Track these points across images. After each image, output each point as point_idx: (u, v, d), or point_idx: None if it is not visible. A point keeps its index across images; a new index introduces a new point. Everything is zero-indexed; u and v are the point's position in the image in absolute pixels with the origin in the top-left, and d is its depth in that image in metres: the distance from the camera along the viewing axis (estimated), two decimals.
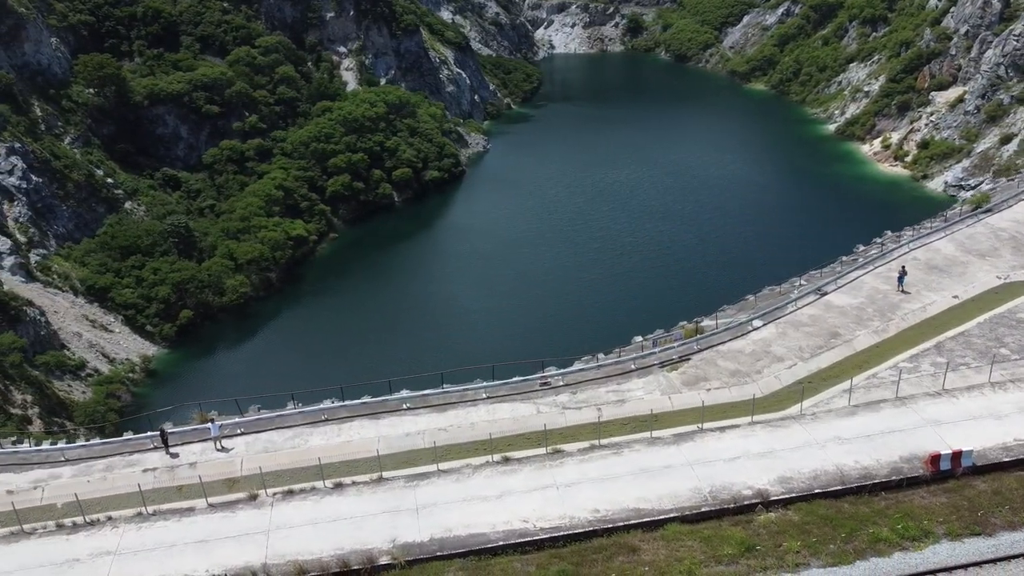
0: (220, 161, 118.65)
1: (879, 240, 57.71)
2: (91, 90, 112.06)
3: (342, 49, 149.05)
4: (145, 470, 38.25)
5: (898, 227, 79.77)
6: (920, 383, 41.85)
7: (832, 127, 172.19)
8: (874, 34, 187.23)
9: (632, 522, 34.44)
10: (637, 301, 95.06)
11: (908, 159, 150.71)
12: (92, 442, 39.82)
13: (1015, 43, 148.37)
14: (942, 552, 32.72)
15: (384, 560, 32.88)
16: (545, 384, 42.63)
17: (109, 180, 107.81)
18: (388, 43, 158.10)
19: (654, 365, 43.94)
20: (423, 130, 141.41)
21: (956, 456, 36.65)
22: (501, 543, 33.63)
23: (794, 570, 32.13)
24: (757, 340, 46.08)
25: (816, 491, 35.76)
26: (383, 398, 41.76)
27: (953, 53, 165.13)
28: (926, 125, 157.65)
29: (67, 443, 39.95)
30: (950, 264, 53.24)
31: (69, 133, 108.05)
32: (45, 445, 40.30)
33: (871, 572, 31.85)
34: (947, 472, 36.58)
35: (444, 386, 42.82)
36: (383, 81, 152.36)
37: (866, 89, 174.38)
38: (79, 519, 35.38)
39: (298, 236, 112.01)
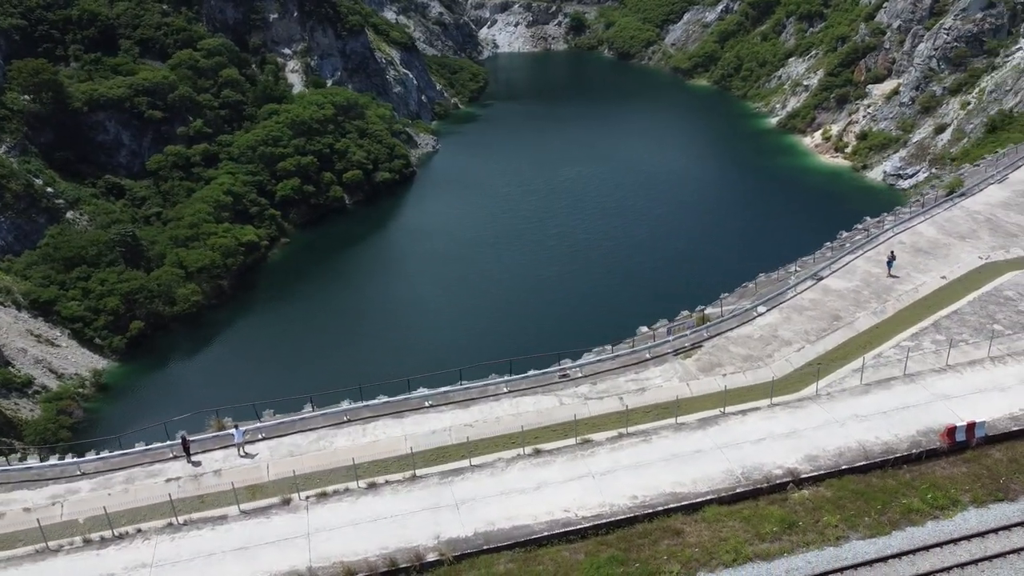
0: (165, 167, 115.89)
1: (860, 226, 60.18)
2: (27, 97, 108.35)
3: (287, 51, 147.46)
4: (168, 480, 37.59)
5: (843, 216, 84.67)
6: (924, 360, 43.93)
7: (774, 120, 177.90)
8: (811, 29, 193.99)
9: (671, 506, 35.39)
10: (614, 296, 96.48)
11: (848, 150, 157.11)
12: (109, 454, 38.91)
13: (945, 36, 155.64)
14: (971, 519, 34.58)
15: (431, 557, 33.11)
16: (564, 376, 43.35)
17: (49, 189, 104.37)
18: (334, 44, 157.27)
19: (668, 353, 45.09)
20: (372, 131, 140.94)
21: (970, 428, 38.67)
22: (546, 533, 34.19)
23: (836, 543, 33.54)
24: (763, 325, 47.67)
25: (843, 467, 37.30)
26: (405, 396, 41.88)
27: (887, 47, 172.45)
28: (864, 117, 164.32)
29: (77, 456, 38.94)
30: (934, 246, 55.90)
31: (5, 142, 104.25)
32: (55, 459, 39.18)
33: (908, 541, 33.46)
34: (963, 443, 38.55)
35: (462, 382, 43.11)
36: (330, 83, 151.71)
37: (805, 83, 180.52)
38: (107, 533, 34.64)
39: (249, 242, 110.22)
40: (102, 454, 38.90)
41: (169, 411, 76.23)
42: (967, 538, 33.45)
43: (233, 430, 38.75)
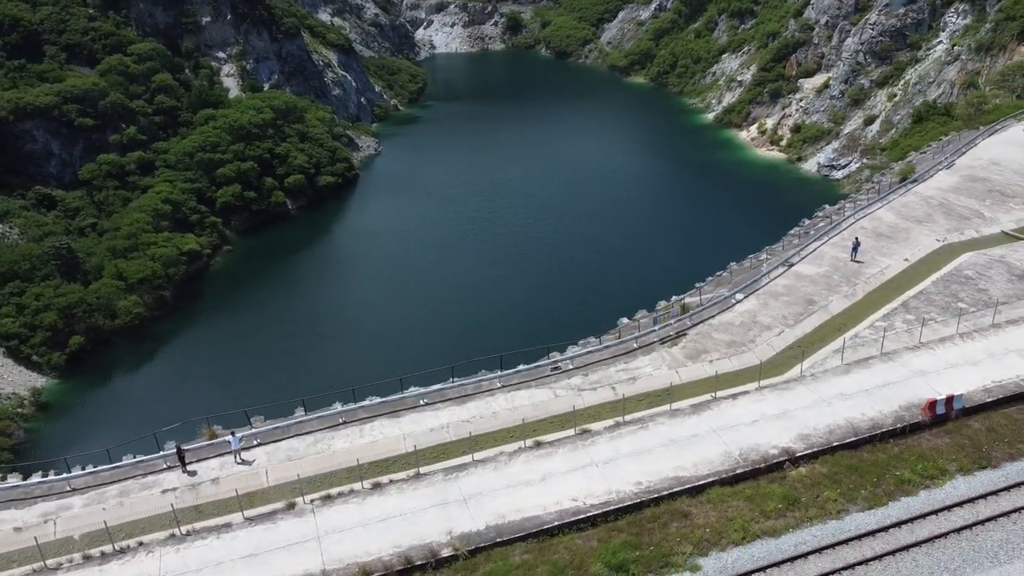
0: (99, 177, 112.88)
1: (821, 213, 62.48)
2: None
3: (221, 55, 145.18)
4: (164, 491, 36.92)
5: (783, 207, 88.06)
6: (899, 339, 45.97)
7: (711, 116, 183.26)
8: (743, 26, 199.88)
9: (676, 490, 36.34)
10: (584, 291, 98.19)
11: (783, 143, 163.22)
12: (98, 468, 37.95)
13: (871, 31, 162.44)
14: (960, 486, 36.46)
15: (446, 552, 33.37)
16: (556, 369, 44.01)
17: None
18: (269, 47, 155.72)
19: (655, 342, 46.17)
20: (313, 135, 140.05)
21: (949, 401, 40.67)
22: (557, 523, 34.76)
23: (838, 517, 34.98)
24: (743, 312, 49.17)
25: (835, 444, 38.82)
26: (399, 396, 41.93)
27: (816, 42, 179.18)
28: (797, 110, 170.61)
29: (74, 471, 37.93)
30: (894, 231, 58.40)
31: None
32: (42, 476, 38.00)
33: (905, 510, 35.10)
34: (943, 416, 40.52)
35: (453, 379, 43.35)
36: (267, 86, 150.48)
37: (739, 78, 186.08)
38: (107, 548, 33.91)
39: (191, 251, 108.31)
40: (89, 469, 37.91)
41: (116, 427, 75.16)
42: (959, 504, 35.26)
43: (229, 437, 38.26)
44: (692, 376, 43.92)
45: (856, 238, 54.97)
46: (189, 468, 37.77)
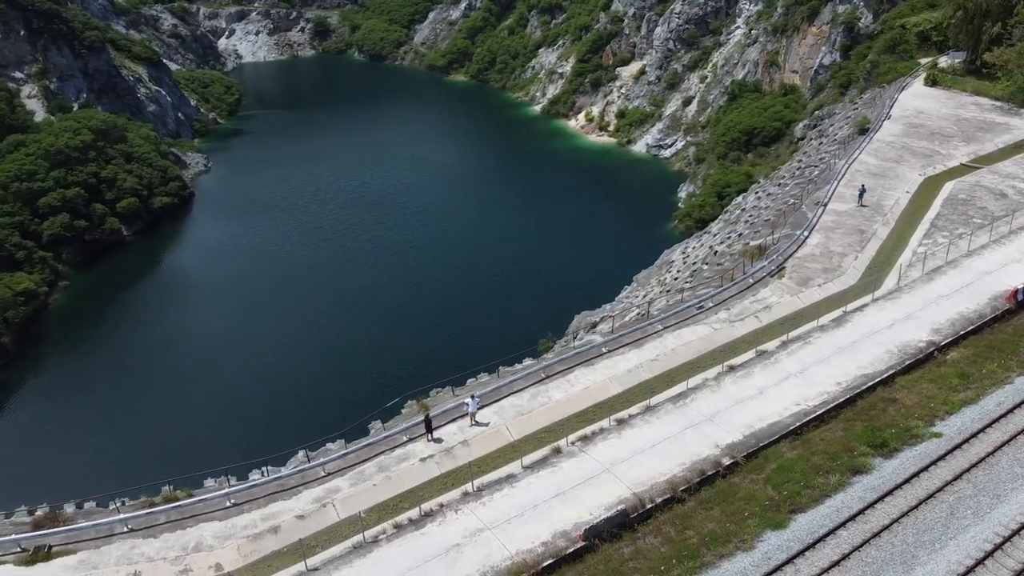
0: None
1: (816, 159, 72.42)
2: None
3: (18, 74, 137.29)
4: (423, 459, 38.13)
5: (629, 188, 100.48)
6: (953, 250, 55.67)
7: (537, 108, 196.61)
8: (554, 21, 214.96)
9: (869, 384, 42.87)
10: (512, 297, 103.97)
11: (611, 128, 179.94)
12: (348, 449, 38.26)
13: (677, 20, 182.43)
14: None
15: (727, 461, 37.73)
16: (700, 307, 49.31)
17: None
18: (73, 64, 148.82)
19: (765, 276, 52.77)
20: (140, 154, 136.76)
21: None
22: (797, 424, 40.07)
23: (1009, 381, 42.96)
24: (815, 245, 57.03)
25: (961, 332, 47.12)
26: (586, 345, 45.43)
27: (627, 32, 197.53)
28: (619, 97, 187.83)
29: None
30: (883, 171, 69.09)
31: None
32: (285, 467, 37.68)
33: None
34: (1022, 302, 50.31)
35: (614, 329, 47.43)
36: (76, 106, 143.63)
37: (560, 71, 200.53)
38: (412, 514, 34.98)
39: (26, 290, 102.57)
40: (340, 452, 38.28)
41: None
42: None
43: (467, 400, 40.05)
44: (813, 298, 50.93)
45: (862, 185, 64.54)
46: (435, 435, 39.22)
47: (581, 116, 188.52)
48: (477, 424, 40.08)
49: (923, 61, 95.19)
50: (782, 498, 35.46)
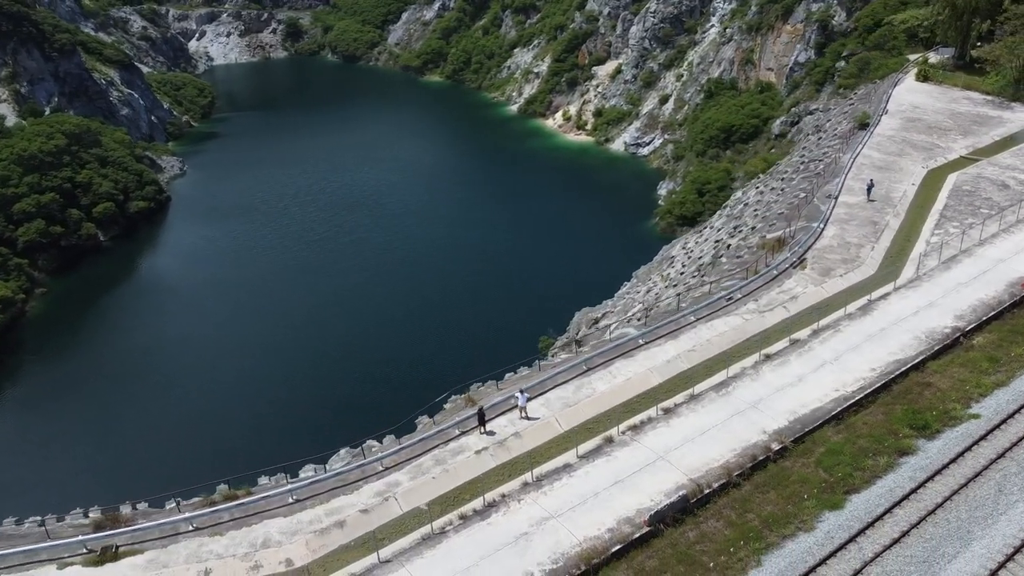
0: None
1: (819, 152, 74.01)
2: None
3: None
4: (477, 452, 38.76)
5: (611, 184, 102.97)
6: (965, 239, 57.41)
7: (514, 108, 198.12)
8: (529, 21, 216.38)
9: (903, 370, 44.24)
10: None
11: (589, 127, 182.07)
12: (402, 444, 38.81)
13: (652, 19, 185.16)
14: None
15: (776, 446, 38.83)
16: (729, 299, 50.48)
17: None
18: (44, 67, 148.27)
19: (787, 267, 54.10)
20: (115, 158, 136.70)
21: None
22: (838, 409, 41.25)
23: None
24: (832, 236, 58.53)
25: (983, 318, 48.71)
26: (621, 337, 46.34)
27: (603, 31, 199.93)
28: (596, 96, 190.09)
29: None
30: (887, 164, 70.92)
31: None
32: (339, 463, 38.12)
33: None
34: None
35: (646, 321, 48.42)
36: (48, 110, 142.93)
37: (536, 71, 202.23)
38: (476, 505, 35.64)
39: (2, 298, 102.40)
40: (394, 447, 38.84)
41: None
42: None
43: (517, 394, 40.76)
44: (836, 288, 52.34)
45: (871, 180, 66.08)
46: (488, 428, 39.91)
47: (558, 115, 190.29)
48: (527, 418, 40.77)
49: (912, 57, 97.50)
50: (835, 480, 36.60)
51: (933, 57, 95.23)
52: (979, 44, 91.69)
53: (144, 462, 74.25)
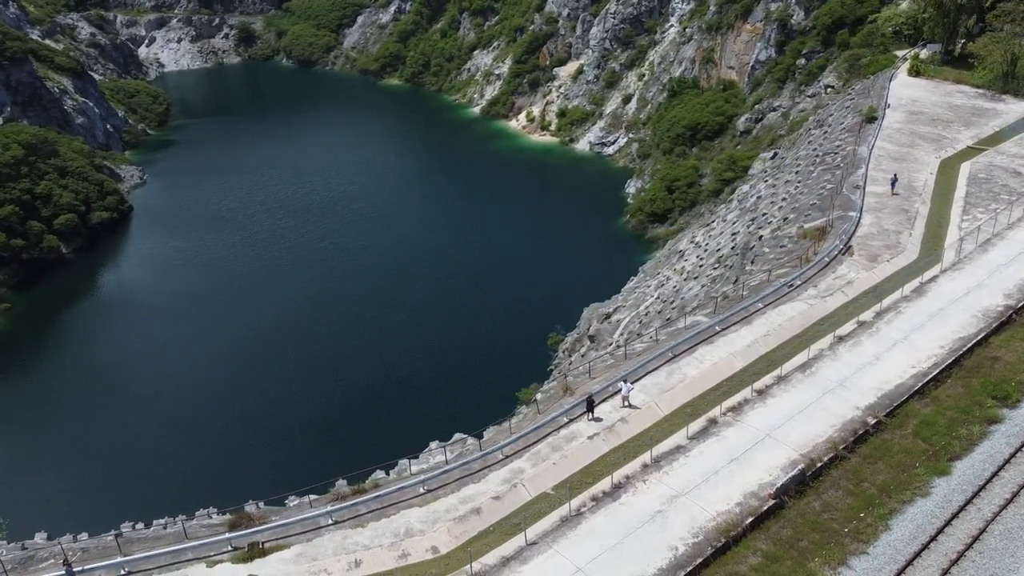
0: None
1: (836, 144, 77.18)
2: None
3: None
4: (590, 437, 40.29)
5: (567, 182, 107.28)
6: (995, 223, 60.75)
7: (476, 109, 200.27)
8: (487, 23, 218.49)
9: (969, 346, 47.01)
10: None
11: (553, 128, 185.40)
12: (522, 432, 40.14)
13: (612, 20, 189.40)
14: None
15: (872, 420, 41.13)
16: (790, 286, 52.85)
17: None
18: None
19: (836, 255, 56.73)
20: (74, 168, 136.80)
21: None
22: (919, 384, 43.76)
23: None
24: (870, 224, 61.40)
25: None
26: (693, 326, 48.42)
27: (563, 33, 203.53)
28: (558, 97, 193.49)
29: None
30: (901, 155, 74.36)
31: None
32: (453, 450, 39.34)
33: None
34: None
35: (717, 311, 50.53)
36: (1, 121, 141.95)
37: (497, 72, 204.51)
38: (604, 486, 37.17)
39: None
40: (514, 435, 40.20)
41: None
42: None
43: (621, 384, 42.39)
44: (886, 272, 55.11)
45: (894, 174, 68.94)
46: (596, 415, 41.49)
47: (522, 116, 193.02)
48: (629, 405, 42.42)
49: (899, 53, 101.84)
50: (936, 449, 38.97)
51: (923, 53, 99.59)
52: (964, 40, 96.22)
53: (116, 478, 74.50)
